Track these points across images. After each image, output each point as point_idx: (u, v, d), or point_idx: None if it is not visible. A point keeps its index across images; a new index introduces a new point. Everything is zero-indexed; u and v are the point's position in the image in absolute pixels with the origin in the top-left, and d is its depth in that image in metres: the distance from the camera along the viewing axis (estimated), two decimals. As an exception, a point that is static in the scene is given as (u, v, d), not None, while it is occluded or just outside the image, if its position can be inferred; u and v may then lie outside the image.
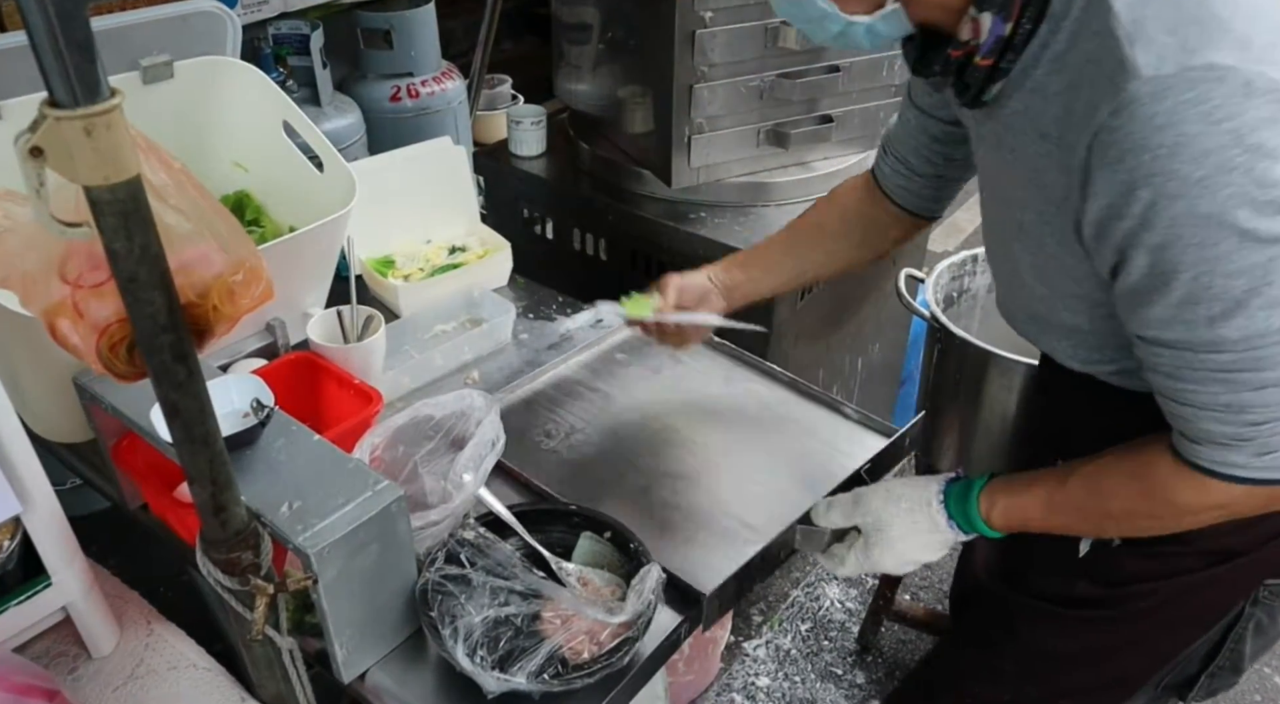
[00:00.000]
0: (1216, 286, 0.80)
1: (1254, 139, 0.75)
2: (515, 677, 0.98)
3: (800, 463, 1.37)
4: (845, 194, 1.38)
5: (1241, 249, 0.78)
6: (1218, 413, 0.86)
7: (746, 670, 2.22)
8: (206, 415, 0.77)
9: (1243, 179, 0.76)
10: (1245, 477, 0.87)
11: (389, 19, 2.12)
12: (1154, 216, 0.80)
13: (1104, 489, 1.00)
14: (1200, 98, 0.76)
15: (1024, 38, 0.88)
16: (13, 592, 1.07)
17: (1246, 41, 0.77)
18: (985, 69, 0.92)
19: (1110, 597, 1.14)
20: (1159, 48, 0.78)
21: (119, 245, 0.65)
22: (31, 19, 0.56)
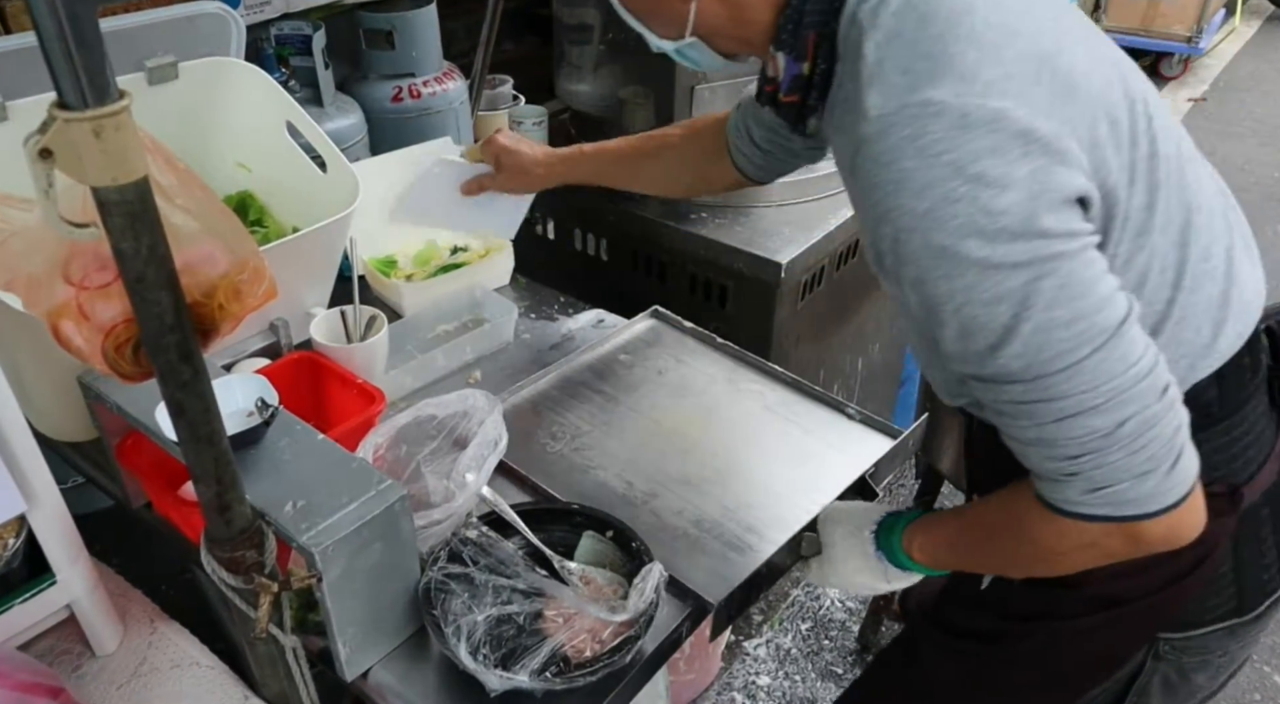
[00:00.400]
0: (981, 316, 0.79)
1: (975, 169, 0.76)
2: (518, 675, 0.98)
3: (804, 467, 1.37)
4: (704, 128, 1.42)
5: (987, 277, 0.78)
6: (1036, 448, 0.84)
7: (747, 669, 2.22)
8: (211, 414, 0.77)
9: (969, 209, 0.76)
10: (1087, 513, 0.83)
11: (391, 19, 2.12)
12: (901, 251, 0.81)
13: (987, 527, 1.00)
14: (917, 133, 0.77)
15: (823, 77, 0.90)
16: (17, 590, 1.07)
17: (970, 75, 0.77)
18: (791, 105, 0.94)
19: (1001, 632, 1.10)
20: (888, 88, 0.79)
21: (126, 245, 0.66)
22: (42, 21, 0.56)
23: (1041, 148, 0.77)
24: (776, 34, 0.92)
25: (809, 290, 1.98)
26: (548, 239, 2.24)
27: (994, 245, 0.77)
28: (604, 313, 1.74)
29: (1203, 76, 5.91)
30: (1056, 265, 0.77)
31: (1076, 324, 0.78)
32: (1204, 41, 5.51)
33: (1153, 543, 0.84)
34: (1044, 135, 0.77)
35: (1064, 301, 0.78)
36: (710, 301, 2.00)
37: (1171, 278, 0.89)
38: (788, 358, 1.99)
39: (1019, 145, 0.76)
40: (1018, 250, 0.77)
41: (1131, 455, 0.80)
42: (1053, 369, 0.79)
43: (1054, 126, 0.78)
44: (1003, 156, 0.76)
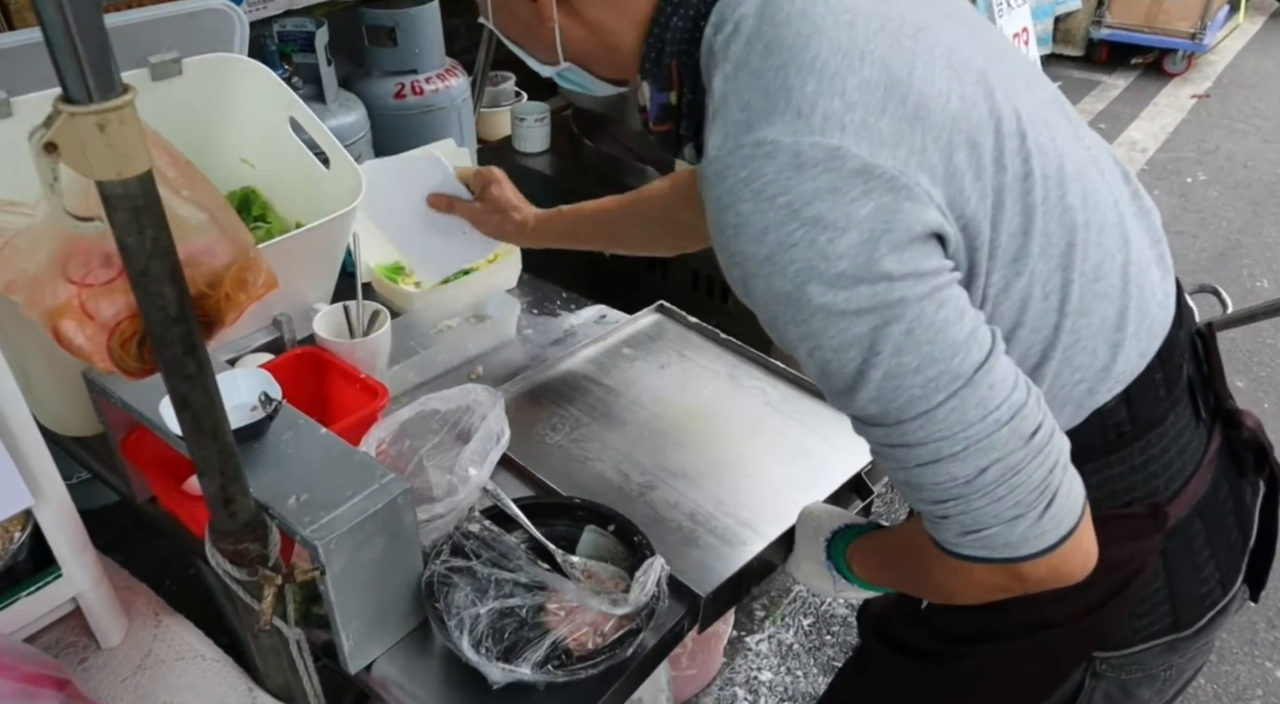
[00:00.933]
0: (832, 362, 0.77)
1: (810, 212, 0.72)
2: (520, 667, 0.99)
3: (801, 463, 1.37)
4: (683, 185, 1.36)
5: (832, 324, 0.75)
6: (907, 489, 0.81)
7: (749, 665, 2.23)
8: (216, 408, 0.78)
9: (806, 253, 0.73)
10: (964, 553, 0.80)
11: (393, 16, 2.12)
12: (750, 294, 0.79)
13: (900, 556, 1.00)
14: (752, 175, 0.73)
15: (690, 107, 0.88)
16: (23, 583, 1.08)
17: (808, 110, 0.73)
18: (664, 134, 0.93)
19: (938, 652, 1.07)
20: (728, 125, 0.76)
21: (130, 239, 0.66)
22: (47, 16, 0.57)
23: (884, 184, 0.73)
24: (641, 63, 0.90)
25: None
26: (550, 235, 2.24)
27: (835, 291, 0.73)
28: (606, 308, 1.74)
29: (1206, 73, 5.90)
30: (902, 311, 0.74)
31: (926, 370, 0.74)
32: (1208, 38, 5.49)
33: (1039, 582, 0.81)
34: (886, 171, 0.73)
35: (911, 347, 0.74)
36: (712, 297, 2.00)
37: (1056, 302, 0.84)
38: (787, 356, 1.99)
39: (859, 183, 0.72)
40: (860, 295, 0.73)
41: (996, 502, 0.76)
42: (906, 416, 0.76)
43: (899, 160, 0.74)
44: (841, 196, 0.72)
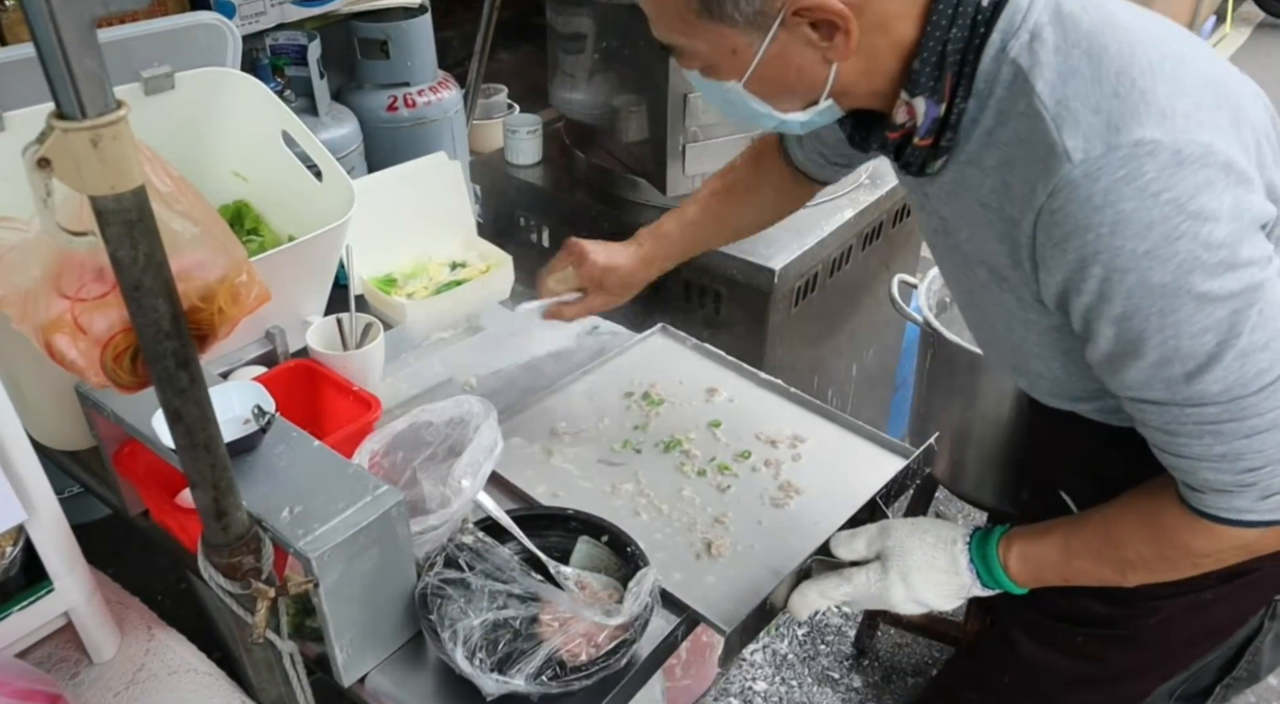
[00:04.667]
0: (1185, 347, 0.82)
1: (1194, 206, 0.77)
2: (514, 679, 0.99)
3: (812, 487, 1.34)
4: (766, 159, 1.40)
5: (1201, 310, 0.80)
6: (1214, 463, 0.87)
7: (744, 675, 2.23)
8: (209, 421, 0.78)
9: (1190, 245, 0.78)
10: (1253, 520, 0.88)
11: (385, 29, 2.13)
12: (1109, 290, 0.82)
13: (1116, 536, 1.00)
14: (1133, 174, 0.78)
15: (959, 116, 0.90)
16: (15, 597, 1.08)
17: (1170, 111, 0.79)
18: (925, 148, 0.94)
19: (1118, 616, 1.14)
20: (1085, 129, 0.80)
21: (124, 254, 0.67)
22: (40, 32, 0.57)
23: (1238, 177, 0.80)
24: (912, 78, 0.90)
25: (802, 296, 1.99)
26: (543, 246, 2.25)
27: (1213, 279, 0.79)
28: (599, 319, 1.74)
29: (1194, 82, 5.93)
30: (1260, 293, 0.81)
31: (1273, 345, 0.81)
32: (1195, 48, 5.52)
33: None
34: (1239, 164, 0.80)
35: (1263, 326, 0.81)
36: (704, 308, 2.01)
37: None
38: (782, 365, 2.00)
39: (1223, 176, 0.79)
40: (1231, 281, 0.79)
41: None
42: (1250, 390, 0.82)
43: (1240, 153, 0.80)
44: (1214, 190, 0.78)
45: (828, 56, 0.90)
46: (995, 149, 0.89)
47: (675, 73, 1.82)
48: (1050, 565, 1.06)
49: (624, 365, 1.60)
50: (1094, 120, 0.80)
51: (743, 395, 1.54)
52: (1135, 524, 0.99)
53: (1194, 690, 1.29)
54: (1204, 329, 0.81)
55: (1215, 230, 0.78)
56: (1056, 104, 0.82)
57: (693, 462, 1.39)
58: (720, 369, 1.60)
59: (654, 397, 1.52)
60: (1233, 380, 0.82)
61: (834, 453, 1.42)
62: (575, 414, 1.49)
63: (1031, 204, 0.85)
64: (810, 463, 1.40)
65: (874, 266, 2.26)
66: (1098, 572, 1.03)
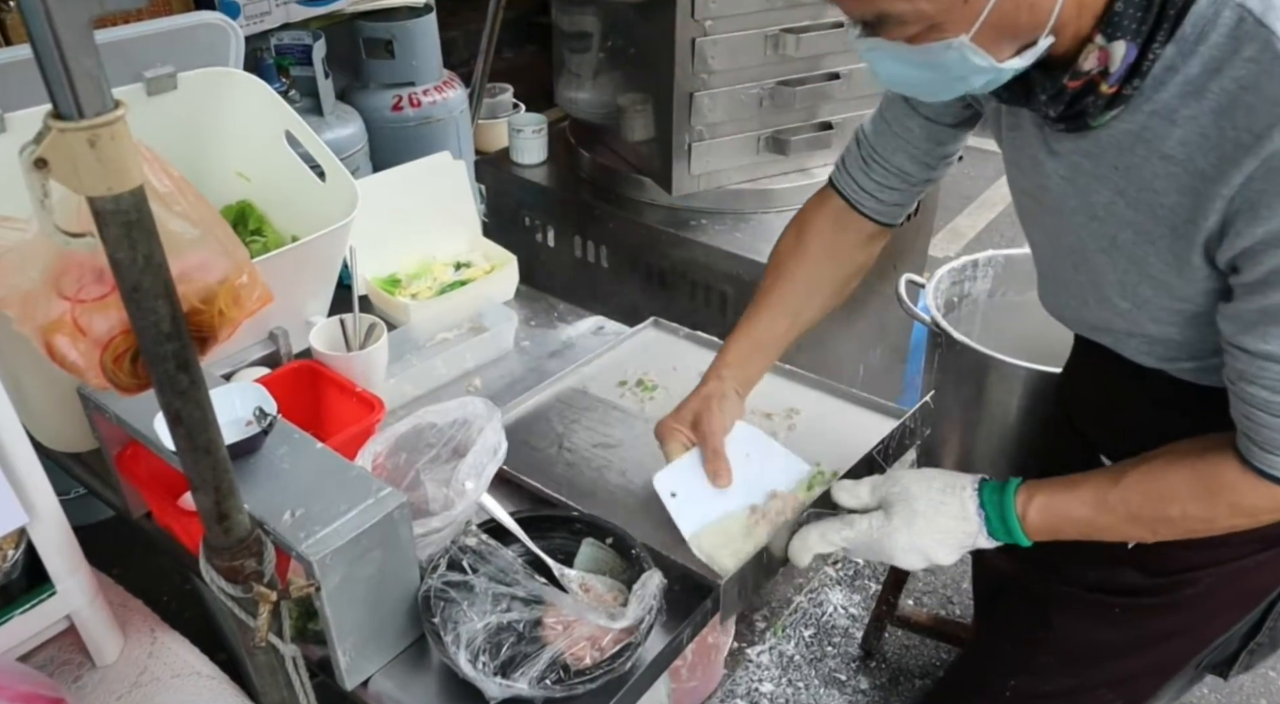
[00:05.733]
0: None
1: None
2: (517, 683, 0.98)
3: (809, 451, 1.30)
4: (827, 235, 1.30)
5: None
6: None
7: (750, 676, 2.22)
8: (209, 424, 0.77)
9: None
10: None
11: (390, 29, 2.13)
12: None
13: (1162, 492, 0.99)
14: None
15: (1152, 62, 0.86)
16: (17, 600, 1.07)
17: None
18: (1109, 96, 0.89)
19: (1157, 585, 1.15)
20: None
21: (122, 255, 0.66)
22: (36, 32, 0.56)
23: None
24: (1113, 20, 0.86)
25: (809, 296, 1.98)
26: (548, 246, 2.24)
27: None
28: (604, 320, 1.74)
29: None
30: None
31: None
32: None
33: None
34: None
35: None
36: (710, 308, 2.00)
37: None
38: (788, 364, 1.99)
39: None
40: None
41: None
42: None
43: None
44: None
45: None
46: (1201, 99, 0.85)
47: (681, 71, 1.81)
48: (1075, 520, 1.03)
49: (617, 358, 1.60)
50: None
51: None
52: (1186, 481, 0.98)
53: (1220, 659, 1.31)
54: None
55: None
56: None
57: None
58: (713, 354, 1.58)
59: (648, 383, 1.52)
60: None
61: (830, 420, 1.42)
62: (572, 408, 1.49)
63: (1256, 152, 0.81)
64: (807, 431, 1.40)
65: (881, 266, 2.24)
66: (1127, 529, 1.02)
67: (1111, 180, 0.95)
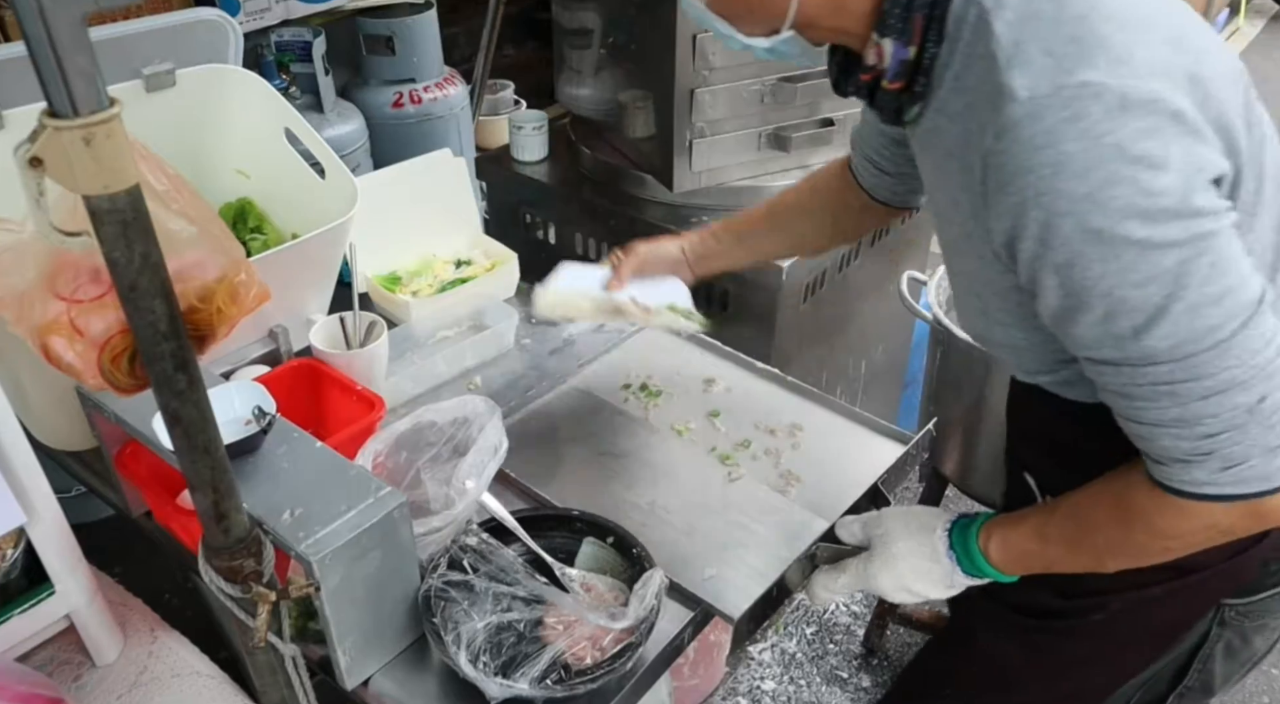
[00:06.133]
0: (1131, 298, 0.79)
1: (1137, 150, 0.76)
2: (518, 683, 0.98)
3: (812, 475, 1.34)
4: (825, 179, 1.38)
5: (1144, 258, 0.78)
6: (1171, 428, 0.84)
7: (752, 674, 2.22)
8: (208, 423, 0.77)
9: (1130, 190, 0.76)
10: (1215, 493, 0.84)
11: (391, 26, 2.12)
12: (1050, 236, 0.80)
13: (1088, 521, 0.98)
14: (1077, 115, 0.76)
15: (930, 60, 0.89)
16: (16, 600, 1.07)
17: (1125, 57, 0.78)
18: (895, 92, 0.93)
19: (1067, 609, 1.12)
20: (1036, 69, 0.79)
21: (119, 254, 0.65)
22: (30, 30, 0.56)
23: (1189, 128, 0.78)
24: (881, 19, 0.89)
25: (811, 293, 1.98)
26: (549, 243, 2.23)
27: (1154, 226, 0.77)
28: (605, 318, 1.73)
29: (1206, 76, 5.89)
30: (1210, 243, 0.78)
31: (1225, 300, 0.78)
32: (1207, 41, 5.48)
33: (1272, 517, 0.86)
34: (1191, 116, 0.78)
35: (1215, 278, 0.78)
36: (712, 305, 1.99)
37: (1269, 262, 0.90)
38: (790, 361, 1.98)
39: (1172, 126, 0.77)
40: (1175, 230, 0.77)
41: (1268, 431, 0.81)
42: (1202, 347, 0.79)
43: (1195, 108, 0.79)
44: (1160, 137, 0.76)
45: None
46: (961, 95, 0.87)
47: (682, 68, 1.80)
48: (1030, 553, 1.04)
49: (620, 359, 1.60)
50: (1045, 62, 0.79)
51: (740, 385, 1.54)
52: (1106, 507, 0.96)
53: (1149, 699, 1.27)
54: (1148, 279, 0.78)
55: (1159, 178, 0.76)
56: (1012, 45, 0.81)
57: (693, 451, 1.39)
58: (717, 359, 1.60)
59: (651, 388, 1.52)
60: (1183, 336, 0.79)
61: (833, 440, 1.42)
62: (575, 410, 1.47)
63: (981, 147, 0.83)
64: (809, 451, 1.40)
65: (883, 263, 2.24)
66: (1075, 559, 1.01)
67: (934, 179, 0.98)
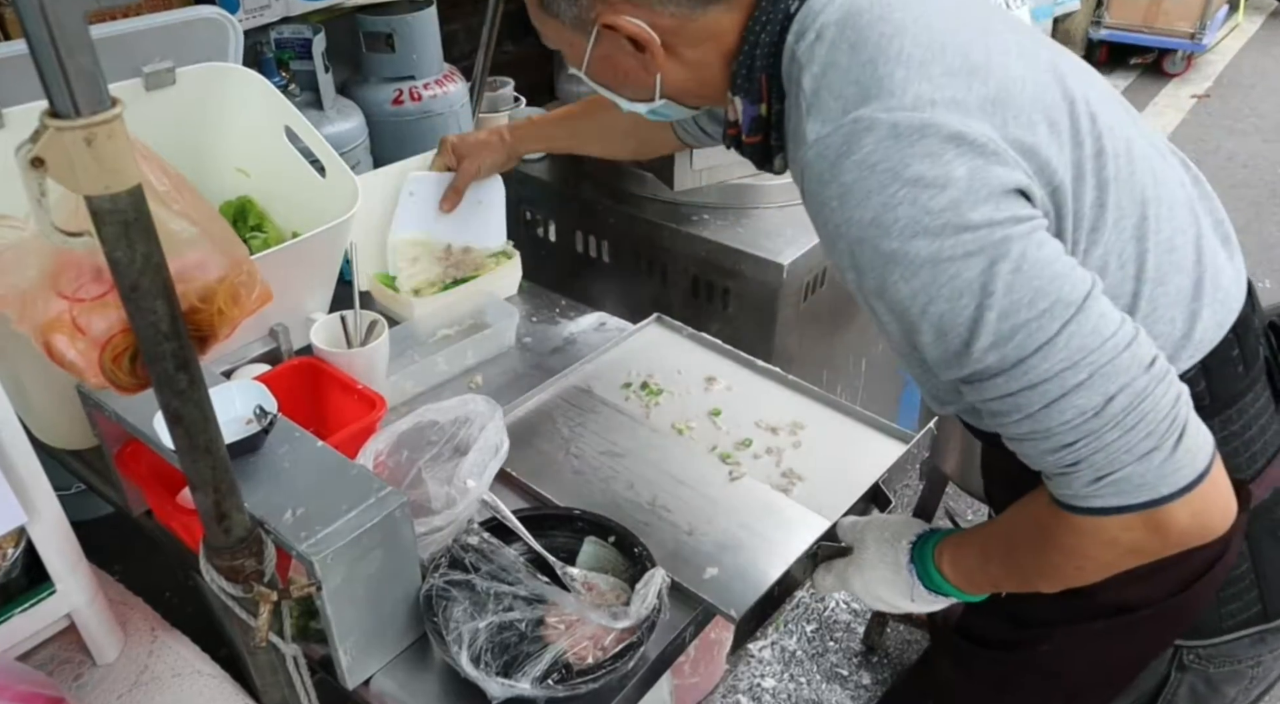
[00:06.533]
0: (947, 313, 0.81)
1: (910, 174, 0.79)
2: (520, 683, 0.98)
3: (814, 473, 1.34)
4: None
5: (941, 272, 0.79)
6: (1033, 442, 0.82)
7: (752, 672, 2.22)
8: (209, 423, 0.77)
9: (910, 210, 0.79)
10: (1099, 506, 0.81)
11: (391, 22, 2.12)
12: (859, 263, 0.84)
13: (1012, 539, 0.97)
14: (851, 148, 0.81)
15: (778, 116, 0.95)
16: (16, 599, 1.07)
17: (899, 91, 0.81)
18: (755, 146, 0.99)
19: (1015, 639, 1.09)
20: (824, 113, 0.84)
21: (120, 254, 0.65)
22: (31, 30, 0.56)
23: (975, 149, 0.80)
24: (732, 80, 0.96)
25: (811, 291, 1.98)
26: (549, 241, 2.23)
27: (940, 240, 0.79)
28: (605, 316, 1.73)
29: (1206, 73, 5.89)
30: (1007, 248, 0.79)
31: (1039, 302, 0.78)
32: (1207, 38, 5.48)
33: (1181, 532, 0.81)
34: (975, 137, 0.80)
35: (1022, 283, 0.78)
36: (712, 303, 1.99)
37: (1133, 271, 0.89)
38: (790, 359, 1.98)
39: (951, 148, 0.79)
40: (965, 241, 0.79)
41: (1128, 433, 0.77)
42: (1027, 351, 0.79)
43: (985, 130, 0.81)
44: (938, 159, 0.79)
45: (646, 66, 0.98)
46: (796, 146, 0.91)
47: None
48: (973, 571, 1.03)
49: (621, 356, 1.59)
50: (833, 105, 0.84)
51: (741, 383, 1.53)
52: (1023, 525, 0.94)
53: None
54: (957, 292, 0.79)
55: (937, 196, 0.78)
56: (812, 94, 0.86)
57: (694, 450, 1.38)
58: (718, 358, 1.59)
59: (653, 387, 1.51)
60: (1005, 344, 0.79)
61: (834, 439, 1.42)
62: (575, 408, 1.47)
63: (802, 193, 0.89)
64: (811, 450, 1.40)
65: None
66: (1010, 579, 1.00)
67: None
